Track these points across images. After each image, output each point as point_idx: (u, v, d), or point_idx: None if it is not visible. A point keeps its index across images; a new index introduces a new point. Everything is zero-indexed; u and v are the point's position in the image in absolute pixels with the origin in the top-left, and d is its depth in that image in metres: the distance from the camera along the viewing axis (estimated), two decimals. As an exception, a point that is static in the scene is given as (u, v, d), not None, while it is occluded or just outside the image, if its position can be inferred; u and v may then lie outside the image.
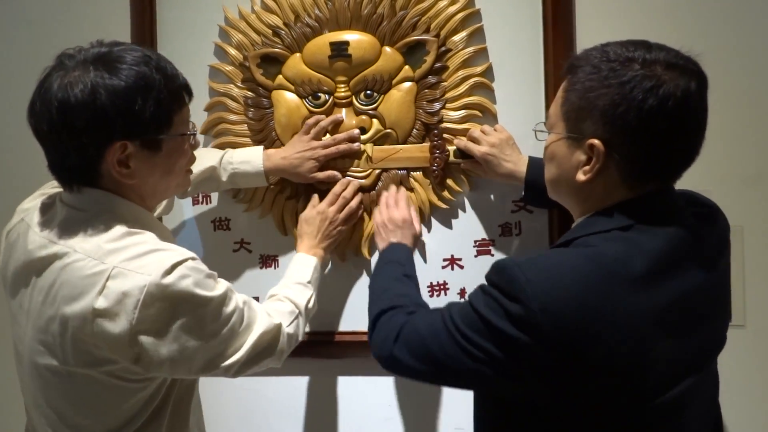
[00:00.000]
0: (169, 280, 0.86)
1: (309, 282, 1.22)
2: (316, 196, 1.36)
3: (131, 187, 0.95)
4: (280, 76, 1.41)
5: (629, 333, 0.77)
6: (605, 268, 0.79)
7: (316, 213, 1.32)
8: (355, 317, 1.44)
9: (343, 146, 1.37)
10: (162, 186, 0.99)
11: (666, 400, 0.79)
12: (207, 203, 1.48)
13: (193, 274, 0.89)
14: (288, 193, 1.44)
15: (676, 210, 0.86)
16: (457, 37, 1.37)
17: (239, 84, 1.44)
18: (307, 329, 1.43)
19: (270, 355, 1.03)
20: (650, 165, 0.83)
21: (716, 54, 1.33)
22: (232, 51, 1.44)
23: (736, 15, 1.34)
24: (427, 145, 1.38)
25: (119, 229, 0.91)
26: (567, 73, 0.88)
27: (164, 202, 1.29)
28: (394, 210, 1.30)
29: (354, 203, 1.35)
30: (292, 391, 1.49)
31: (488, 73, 1.38)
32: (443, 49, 1.37)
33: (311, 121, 1.37)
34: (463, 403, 1.03)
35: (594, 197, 0.87)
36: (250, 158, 1.34)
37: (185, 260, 0.89)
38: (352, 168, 1.40)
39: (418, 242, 1.32)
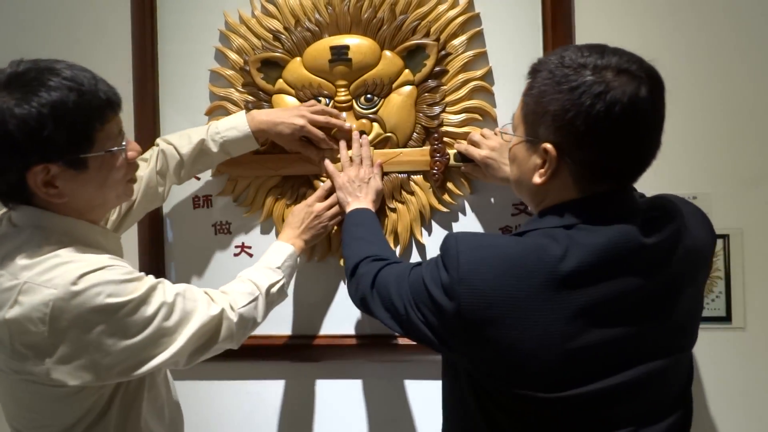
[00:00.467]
0: (75, 291, 0.87)
1: (278, 267, 1.21)
2: (325, 184, 1.38)
3: (64, 204, 0.95)
4: (281, 81, 1.41)
5: (539, 325, 0.81)
6: (535, 260, 0.82)
7: (304, 205, 1.34)
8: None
9: (332, 119, 1.36)
10: (98, 200, 0.99)
11: (590, 391, 0.82)
12: (208, 207, 1.49)
13: (102, 283, 0.89)
14: (288, 196, 1.44)
15: (625, 212, 0.86)
16: (456, 41, 1.37)
17: (240, 88, 1.44)
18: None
19: (215, 342, 1.03)
20: (601, 169, 0.85)
21: (715, 54, 1.34)
22: (233, 55, 1.44)
23: (738, 16, 1.33)
24: (427, 148, 1.38)
25: (39, 244, 0.92)
26: (529, 76, 0.90)
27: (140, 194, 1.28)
28: (360, 167, 1.35)
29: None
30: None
31: (488, 76, 1.38)
32: (443, 52, 1.37)
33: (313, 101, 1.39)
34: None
35: (550, 198, 0.90)
36: (236, 123, 1.34)
37: (95, 270, 0.89)
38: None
39: (380, 197, 1.37)
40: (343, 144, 1.38)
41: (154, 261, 1.47)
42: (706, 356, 1.36)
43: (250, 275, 1.17)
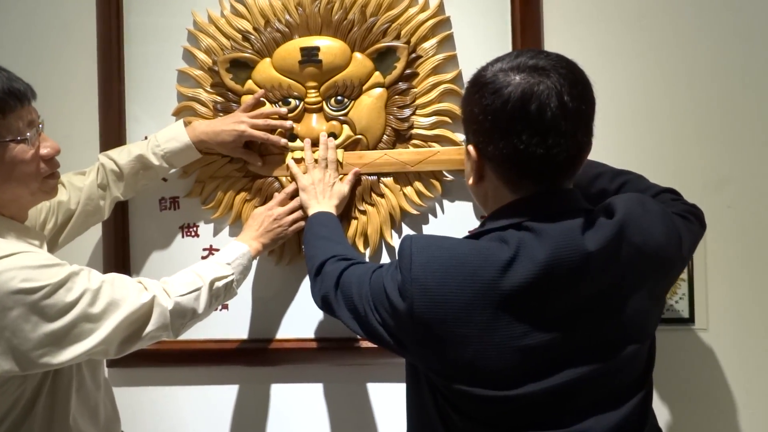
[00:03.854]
0: None
1: (228, 264, 1.20)
2: (287, 188, 1.37)
3: None
4: (250, 81, 1.40)
5: (487, 324, 0.81)
6: (480, 261, 0.83)
7: (264, 209, 1.34)
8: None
9: (271, 121, 1.36)
10: (8, 195, 0.99)
11: (545, 388, 0.82)
12: (175, 208, 1.47)
13: (16, 268, 0.89)
14: (257, 198, 1.43)
15: (566, 213, 0.86)
16: (427, 44, 1.38)
17: (208, 89, 1.43)
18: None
19: (145, 330, 1.01)
20: (516, 166, 0.85)
21: (680, 59, 1.37)
22: (201, 55, 1.42)
23: (704, 22, 1.36)
24: (463, 147, 1.37)
25: None
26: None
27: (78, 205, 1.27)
28: (325, 171, 1.35)
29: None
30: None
31: (458, 80, 1.39)
32: (413, 55, 1.37)
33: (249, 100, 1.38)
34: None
35: (490, 200, 0.92)
36: (175, 134, 1.33)
37: (8, 255, 0.90)
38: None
39: (344, 203, 1.37)
40: (307, 144, 1.37)
41: (119, 263, 1.44)
42: (670, 356, 1.38)
43: (196, 268, 1.16)
